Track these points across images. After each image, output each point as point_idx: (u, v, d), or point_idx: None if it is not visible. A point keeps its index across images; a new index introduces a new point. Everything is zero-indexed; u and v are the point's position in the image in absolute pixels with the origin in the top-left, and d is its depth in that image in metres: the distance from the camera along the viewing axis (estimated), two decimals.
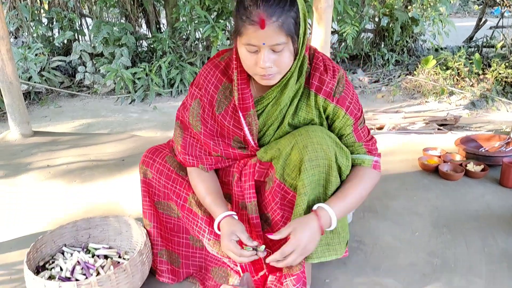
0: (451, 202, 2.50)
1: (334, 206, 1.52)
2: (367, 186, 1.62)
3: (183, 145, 1.73)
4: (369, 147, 1.65)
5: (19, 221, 2.43)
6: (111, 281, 1.63)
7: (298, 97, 1.59)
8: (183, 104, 1.75)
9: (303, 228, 1.46)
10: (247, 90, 1.58)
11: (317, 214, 1.49)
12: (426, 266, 1.96)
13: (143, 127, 4.64)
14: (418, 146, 3.27)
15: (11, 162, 3.24)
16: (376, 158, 1.66)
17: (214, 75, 1.63)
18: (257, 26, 1.33)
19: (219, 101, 1.64)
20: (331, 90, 1.56)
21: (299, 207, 1.53)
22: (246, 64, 1.46)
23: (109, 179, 2.92)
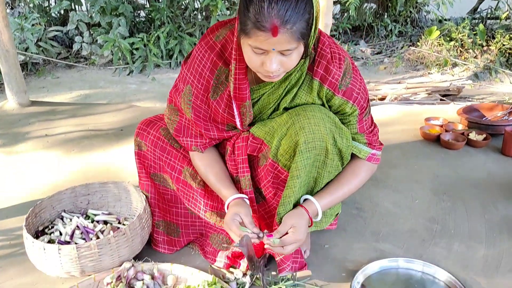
0: (452, 170, 2.48)
1: (322, 200, 1.54)
2: (360, 179, 1.61)
3: (177, 128, 1.67)
4: (370, 138, 1.60)
5: (18, 189, 2.42)
6: (110, 244, 1.63)
7: (298, 85, 1.50)
8: (175, 86, 1.65)
9: (301, 224, 1.48)
10: (245, 81, 1.47)
11: (305, 209, 1.51)
12: (426, 232, 1.96)
13: (142, 98, 4.59)
14: (420, 116, 3.24)
15: (9, 131, 3.21)
16: (374, 151, 1.61)
17: (209, 59, 1.50)
18: (269, 33, 1.20)
19: (214, 86, 1.53)
20: (336, 81, 1.47)
21: (289, 190, 1.50)
22: (250, 63, 1.34)
23: (108, 148, 2.90)
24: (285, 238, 1.45)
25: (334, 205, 1.62)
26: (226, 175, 1.67)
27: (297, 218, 1.49)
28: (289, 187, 1.50)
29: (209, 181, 1.66)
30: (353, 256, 1.82)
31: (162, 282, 1.65)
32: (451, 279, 1.64)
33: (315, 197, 1.54)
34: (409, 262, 1.73)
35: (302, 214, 1.50)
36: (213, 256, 1.79)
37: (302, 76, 1.48)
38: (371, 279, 1.68)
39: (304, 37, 1.26)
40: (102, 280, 1.62)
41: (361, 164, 1.62)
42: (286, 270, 1.66)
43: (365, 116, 1.57)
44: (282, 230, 1.47)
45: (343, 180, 1.59)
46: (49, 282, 1.70)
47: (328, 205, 1.57)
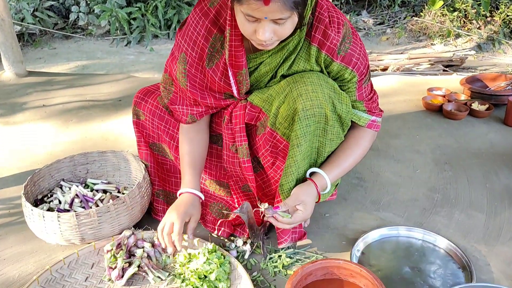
0: (454, 140, 2.46)
1: (331, 173, 1.52)
2: (364, 148, 1.59)
3: (173, 98, 1.63)
4: (370, 105, 1.56)
5: (16, 159, 2.40)
6: (110, 212, 1.62)
7: (296, 52, 1.45)
8: (171, 54, 1.60)
9: (310, 199, 1.47)
10: (241, 48, 1.43)
11: (314, 183, 1.49)
12: (427, 201, 1.95)
13: (140, 69, 4.53)
14: (423, 86, 3.19)
15: (6, 101, 3.17)
16: (374, 117, 1.58)
17: (203, 25, 1.46)
18: (260, 1, 1.17)
19: (209, 55, 1.49)
20: (335, 46, 1.42)
21: (291, 159, 1.47)
22: (244, 30, 1.31)
23: (106, 118, 2.87)
24: (295, 216, 1.45)
25: (339, 177, 1.60)
26: (201, 162, 1.66)
27: (307, 194, 1.47)
28: (290, 157, 1.48)
29: (183, 156, 1.65)
30: (353, 225, 1.81)
31: (162, 250, 1.65)
32: (451, 247, 1.64)
33: (323, 169, 1.52)
34: (410, 230, 1.72)
35: (311, 189, 1.49)
36: (213, 225, 1.78)
37: (300, 43, 1.44)
38: (371, 247, 1.68)
39: (297, 6, 1.22)
40: (102, 247, 1.62)
41: (362, 133, 1.59)
42: (285, 243, 1.65)
43: (365, 83, 1.53)
44: (290, 203, 1.45)
45: (348, 151, 1.56)
46: (49, 250, 1.70)
47: (336, 177, 1.56)
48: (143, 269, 1.55)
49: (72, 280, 1.53)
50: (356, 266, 1.43)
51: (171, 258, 1.62)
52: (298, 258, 1.63)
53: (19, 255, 1.68)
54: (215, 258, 1.51)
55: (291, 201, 1.46)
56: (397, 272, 1.56)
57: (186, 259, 1.57)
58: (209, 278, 1.47)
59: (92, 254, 1.62)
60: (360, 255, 1.64)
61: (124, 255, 1.56)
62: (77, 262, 1.58)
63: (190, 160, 1.63)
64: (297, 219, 1.45)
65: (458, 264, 1.59)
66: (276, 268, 1.58)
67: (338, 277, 1.48)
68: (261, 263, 1.61)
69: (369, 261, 1.62)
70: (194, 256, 1.56)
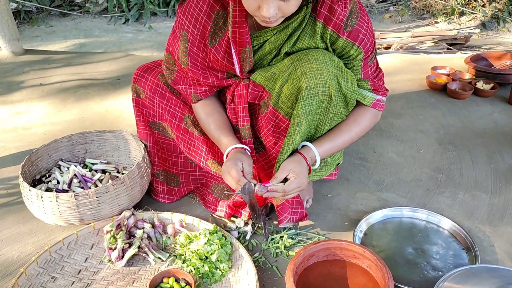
0: (458, 120, 2.42)
1: (320, 147, 1.46)
2: (362, 127, 1.53)
3: (177, 78, 1.59)
4: (375, 84, 1.51)
5: (13, 138, 2.37)
6: (109, 193, 1.59)
7: (301, 29, 1.40)
8: (173, 32, 1.54)
9: (301, 168, 1.40)
10: (245, 24, 1.38)
11: (303, 155, 1.43)
12: (430, 182, 1.93)
13: (139, 47, 4.45)
14: (426, 65, 3.14)
15: (3, 80, 3.12)
16: (379, 96, 1.52)
17: (205, 1, 1.40)
18: None
19: (212, 32, 1.44)
20: (341, 22, 1.36)
21: (289, 137, 1.43)
22: (247, 6, 1.25)
23: (105, 97, 2.83)
24: (289, 184, 1.38)
25: (334, 153, 1.55)
26: (227, 124, 1.60)
27: (295, 163, 1.41)
28: (289, 135, 1.43)
29: (209, 129, 1.59)
30: (356, 205, 1.79)
31: (162, 231, 1.63)
32: (455, 228, 1.62)
33: (314, 143, 1.47)
34: (413, 211, 1.70)
35: (300, 160, 1.43)
36: (214, 206, 1.76)
37: (305, 19, 1.39)
38: (374, 228, 1.66)
39: None
40: (102, 228, 1.60)
41: (364, 111, 1.54)
42: (285, 221, 1.63)
43: (370, 61, 1.48)
44: (280, 176, 1.40)
45: (344, 127, 1.51)
46: (48, 230, 1.68)
47: (327, 152, 1.50)
48: (144, 250, 1.53)
49: (71, 261, 1.52)
50: (359, 247, 1.41)
51: (171, 239, 1.60)
52: (300, 239, 1.61)
53: (18, 236, 1.66)
54: (216, 239, 1.49)
55: (279, 174, 1.40)
56: (400, 253, 1.55)
57: (187, 240, 1.55)
58: (210, 259, 1.46)
59: (92, 235, 1.60)
60: (362, 236, 1.62)
61: (124, 236, 1.54)
62: (76, 242, 1.57)
63: (218, 127, 1.57)
64: (291, 186, 1.38)
65: (462, 245, 1.58)
66: (278, 249, 1.57)
67: (341, 258, 1.46)
68: (262, 244, 1.60)
69: (372, 242, 1.60)
70: (195, 237, 1.55)
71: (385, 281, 1.29)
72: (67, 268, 1.49)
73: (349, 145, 1.56)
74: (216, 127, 1.57)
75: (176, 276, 1.42)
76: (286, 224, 1.64)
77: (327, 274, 1.42)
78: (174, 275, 1.42)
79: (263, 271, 1.49)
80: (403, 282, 1.41)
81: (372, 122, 1.57)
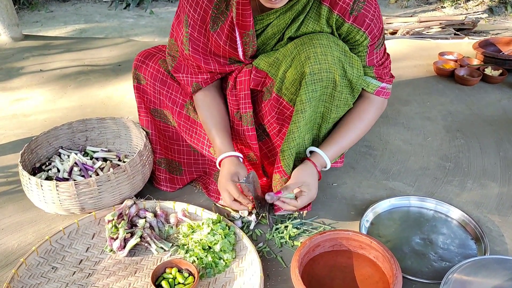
0: (466, 107, 2.37)
1: (329, 151, 1.46)
2: (367, 122, 1.51)
3: (177, 65, 1.55)
4: (380, 71, 1.46)
5: (13, 125, 2.33)
6: (110, 181, 1.56)
7: (305, 13, 1.35)
8: (177, 17, 1.50)
9: (312, 181, 1.42)
10: (248, 6, 1.34)
11: (313, 163, 1.44)
12: (438, 170, 1.89)
13: (140, 32, 4.39)
14: (433, 51, 3.07)
15: (2, 66, 3.07)
16: (384, 84, 1.47)
17: None
18: None
19: (214, 17, 1.40)
20: (348, 6, 1.31)
21: (293, 125, 1.40)
22: None
23: (106, 84, 2.78)
24: (302, 199, 1.41)
25: (341, 153, 1.54)
26: (224, 123, 1.57)
27: (307, 175, 1.43)
28: (293, 123, 1.40)
29: (206, 124, 1.56)
30: (362, 194, 1.75)
31: (164, 220, 1.60)
32: (464, 218, 1.58)
33: (322, 147, 1.47)
34: (421, 200, 1.66)
35: (311, 169, 1.45)
36: (217, 194, 1.72)
37: (309, 2, 1.34)
38: (381, 217, 1.62)
39: None
40: (103, 217, 1.57)
41: (367, 106, 1.50)
42: (282, 210, 1.58)
43: (377, 48, 1.43)
44: (292, 186, 1.41)
45: (350, 126, 1.49)
46: (48, 219, 1.65)
47: (336, 155, 1.50)
48: (146, 240, 1.50)
49: (72, 250, 1.49)
50: (366, 237, 1.38)
51: (174, 228, 1.57)
52: (305, 228, 1.58)
53: (18, 225, 1.64)
54: (219, 229, 1.46)
55: (292, 184, 1.41)
56: (407, 244, 1.51)
57: (190, 230, 1.52)
58: (213, 249, 1.43)
59: (93, 224, 1.57)
60: (369, 226, 1.58)
61: (125, 225, 1.51)
62: (77, 232, 1.54)
63: (214, 124, 1.55)
64: (304, 201, 1.42)
65: (471, 235, 1.54)
66: (283, 239, 1.54)
67: (347, 248, 1.43)
68: (267, 234, 1.57)
69: (379, 232, 1.56)
70: (198, 226, 1.52)
71: (393, 272, 1.26)
72: (68, 258, 1.46)
73: (356, 142, 1.55)
74: (213, 124, 1.55)
75: (179, 267, 1.39)
76: (284, 212, 1.60)
77: (333, 264, 1.39)
78: (177, 266, 1.39)
79: (268, 261, 1.46)
80: (410, 273, 1.38)
81: (378, 113, 1.54)
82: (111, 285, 1.38)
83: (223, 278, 1.40)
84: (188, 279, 1.35)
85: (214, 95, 1.59)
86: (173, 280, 1.35)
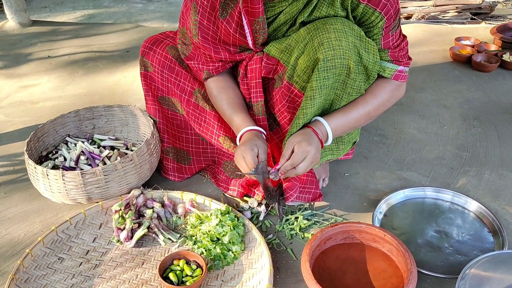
0: (483, 94, 2.30)
1: (332, 120, 1.34)
2: (380, 99, 1.40)
3: (191, 55, 1.50)
4: (396, 54, 1.38)
5: (20, 112, 2.31)
6: (117, 171, 1.53)
7: None
8: (185, 4, 1.44)
9: (308, 139, 1.29)
10: None
11: (312, 128, 1.32)
12: (454, 160, 1.83)
13: (149, 18, 4.34)
14: (450, 36, 2.98)
15: (10, 52, 3.04)
16: (401, 67, 1.39)
17: None
18: None
19: (223, 3, 1.34)
20: None
21: (301, 111, 1.32)
22: None
23: (114, 70, 2.74)
24: (293, 156, 1.28)
25: (350, 129, 1.43)
26: (240, 101, 1.50)
27: (300, 135, 1.31)
28: (301, 108, 1.33)
29: (221, 106, 1.50)
30: (375, 185, 1.70)
31: (172, 210, 1.57)
32: (481, 210, 1.53)
33: (325, 117, 1.36)
34: (437, 192, 1.61)
35: (307, 132, 1.32)
36: (226, 185, 1.69)
37: None
38: (395, 209, 1.58)
39: None
40: (110, 207, 1.54)
41: (382, 82, 1.41)
42: (291, 199, 1.54)
43: (393, 30, 1.35)
44: (286, 153, 1.30)
45: (359, 99, 1.39)
46: (55, 209, 1.63)
47: (341, 127, 1.38)
48: (153, 231, 1.48)
49: (79, 241, 1.47)
50: (379, 230, 1.34)
51: (182, 219, 1.54)
52: (316, 220, 1.54)
53: (24, 214, 1.62)
54: (228, 220, 1.43)
55: (285, 150, 1.31)
56: (422, 236, 1.46)
57: (198, 221, 1.48)
58: (222, 241, 1.40)
59: (100, 214, 1.55)
60: (382, 218, 1.54)
61: (133, 215, 1.48)
62: (84, 222, 1.51)
63: (231, 104, 1.47)
64: (296, 157, 1.27)
65: (488, 228, 1.49)
66: (293, 230, 1.50)
67: (360, 241, 1.39)
68: (276, 225, 1.53)
69: (392, 224, 1.52)
70: (206, 217, 1.48)
71: (408, 267, 1.22)
72: (75, 249, 1.44)
73: (367, 121, 1.43)
74: (229, 104, 1.48)
75: (186, 258, 1.36)
76: (294, 203, 1.56)
77: (345, 258, 1.35)
78: (184, 257, 1.36)
79: (277, 253, 1.43)
80: (425, 267, 1.33)
81: (394, 95, 1.44)
82: (118, 277, 1.36)
83: (232, 271, 1.37)
84: (196, 271, 1.32)
85: (227, 78, 1.54)
86: (181, 272, 1.32)
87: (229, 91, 1.51)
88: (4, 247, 1.48)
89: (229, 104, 1.48)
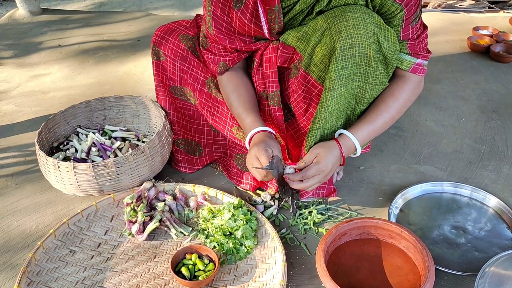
0: (502, 85, 2.24)
1: (359, 133, 1.33)
2: (402, 101, 1.37)
3: (211, 47, 1.47)
4: (415, 46, 1.33)
5: (31, 102, 2.30)
6: (129, 163, 1.51)
7: None
8: None
9: (328, 154, 1.29)
10: None
11: (339, 143, 1.31)
12: (472, 154, 1.78)
13: (159, 6, 4.30)
14: (467, 25, 2.91)
15: (21, 41, 3.03)
16: (420, 60, 1.35)
17: None
18: None
19: None
20: None
21: (321, 104, 1.30)
22: None
23: (124, 60, 2.72)
24: (306, 170, 1.28)
25: (376, 136, 1.40)
26: (253, 101, 1.48)
27: (325, 148, 1.31)
28: (321, 102, 1.30)
29: (233, 104, 1.47)
30: (390, 179, 1.67)
31: (184, 203, 1.55)
32: (501, 206, 1.49)
33: (350, 129, 1.34)
34: (455, 186, 1.57)
35: (332, 147, 1.32)
36: (238, 178, 1.66)
37: None
38: (411, 204, 1.54)
39: None
40: (122, 200, 1.53)
41: (401, 83, 1.38)
42: (307, 196, 1.52)
43: (413, 22, 1.30)
44: (308, 159, 1.30)
45: (382, 106, 1.36)
46: (66, 200, 1.62)
47: (367, 137, 1.37)
48: (165, 224, 1.46)
49: (91, 233, 1.46)
50: (396, 226, 1.30)
51: (194, 212, 1.52)
52: (330, 214, 1.51)
53: (36, 206, 1.61)
54: (241, 214, 1.40)
55: (308, 157, 1.31)
56: (439, 232, 1.43)
57: (210, 215, 1.46)
58: (234, 235, 1.37)
59: (111, 206, 1.53)
60: (398, 213, 1.50)
61: (144, 208, 1.47)
62: (95, 214, 1.50)
63: (243, 103, 1.45)
64: (309, 172, 1.27)
65: (507, 224, 1.45)
66: (307, 225, 1.47)
67: (375, 237, 1.35)
68: (290, 219, 1.50)
69: (409, 219, 1.48)
70: (218, 211, 1.46)
71: (425, 264, 1.19)
72: (86, 241, 1.43)
73: (391, 124, 1.40)
74: (241, 103, 1.45)
75: (199, 253, 1.34)
76: (309, 199, 1.54)
77: (360, 254, 1.32)
78: (197, 251, 1.34)
79: (291, 248, 1.40)
80: (443, 264, 1.30)
81: (414, 93, 1.40)
82: (130, 270, 1.34)
83: (245, 266, 1.35)
84: (209, 266, 1.30)
85: (241, 75, 1.51)
86: (193, 267, 1.30)
87: (242, 88, 1.48)
88: (15, 239, 1.47)
89: (241, 103, 1.45)
